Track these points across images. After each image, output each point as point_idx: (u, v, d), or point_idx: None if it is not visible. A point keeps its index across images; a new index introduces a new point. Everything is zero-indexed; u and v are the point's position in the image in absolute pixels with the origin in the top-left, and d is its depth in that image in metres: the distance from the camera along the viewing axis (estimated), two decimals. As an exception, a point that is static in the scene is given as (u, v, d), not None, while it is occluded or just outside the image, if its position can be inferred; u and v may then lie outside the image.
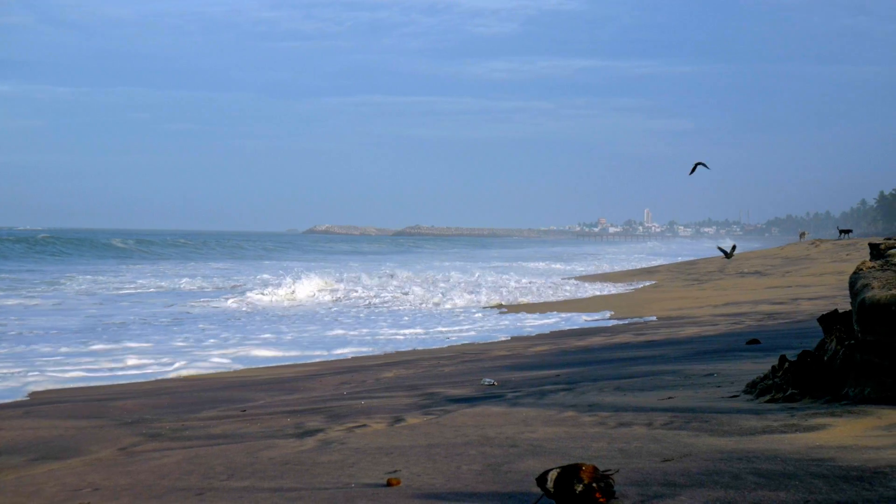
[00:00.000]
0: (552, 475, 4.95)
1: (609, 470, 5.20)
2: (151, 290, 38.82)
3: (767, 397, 8.24)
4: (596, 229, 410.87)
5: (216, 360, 16.58)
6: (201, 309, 28.92)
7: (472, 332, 21.63)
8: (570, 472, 4.91)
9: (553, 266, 70.13)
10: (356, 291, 35.82)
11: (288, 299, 32.73)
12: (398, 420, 8.54)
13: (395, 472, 6.20)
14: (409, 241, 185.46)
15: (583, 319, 24.21)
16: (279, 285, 35.63)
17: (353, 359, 16.89)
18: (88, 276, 47.30)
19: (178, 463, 7.25)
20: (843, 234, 57.09)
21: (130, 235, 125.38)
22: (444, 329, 22.70)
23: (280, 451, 7.41)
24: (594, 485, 4.86)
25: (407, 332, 22.13)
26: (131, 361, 16.16)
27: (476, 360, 15.31)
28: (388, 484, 5.85)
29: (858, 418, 6.58)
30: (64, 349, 17.95)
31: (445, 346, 18.96)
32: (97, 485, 6.71)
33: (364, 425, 8.36)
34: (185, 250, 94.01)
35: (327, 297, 33.35)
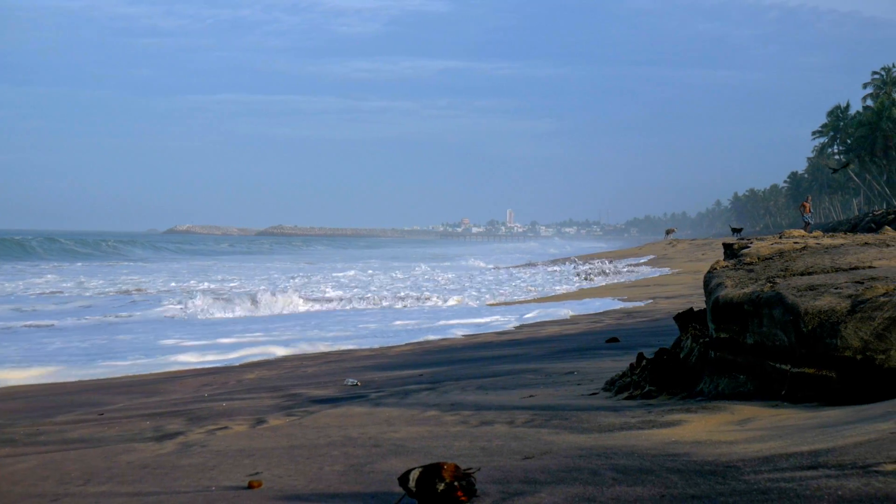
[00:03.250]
0: (414, 474, 4.95)
1: (471, 468, 5.23)
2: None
3: (626, 394, 8.39)
4: (459, 229, 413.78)
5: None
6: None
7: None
8: (431, 471, 4.92)
9: (473, 263, 70.88)
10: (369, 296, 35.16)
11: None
12: (260, 421, 8.45)
13: (257, 473, 6.13)
14: (283, 240, 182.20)
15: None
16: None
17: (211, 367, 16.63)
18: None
19: (33, 469, 7.04)
20: (735, 232, 58.91)
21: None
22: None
23: (139, 454, 7.26)
24: (456, 483, 4.88)
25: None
26: None
27: (340, 360, 15.26)
28: (250, 486, 5.78)
29: (713, 414, 6.74)
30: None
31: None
32: (-55, 493, 6.48)
33: (225, 427, 8.25)
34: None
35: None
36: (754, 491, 4.27)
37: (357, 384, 11.16)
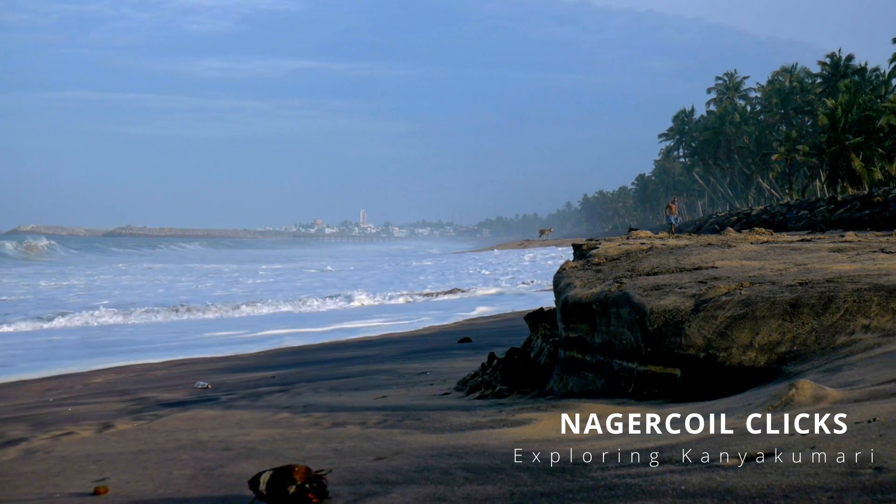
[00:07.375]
0: (265, 477, 4.91)
1: (322, 470, 5.20)
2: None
3: (478, 394, 8.46)
4: (312, 230, 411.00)
5: None
6: None
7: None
8: (282, 474, 4.88)
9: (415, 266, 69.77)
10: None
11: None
12: (107, 426, 8.26)
13: (103, 479, 5.99)
14: (144, 241, 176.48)
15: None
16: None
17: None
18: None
19: None
20: (631, 231, 59.87)
21: None
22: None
23: (-22, 462, 7.03)
24: (307, 485, 4.85)
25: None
26: None
27: (191, 363, 15.03)
28: (96, 492, 5.64)
29: (561, 412, 6.84)
30: None
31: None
32: None
33: (71, 433, 8.04)
34: None
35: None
36: (601, 487, 4.35)
37: (208, 387, 11.01)
